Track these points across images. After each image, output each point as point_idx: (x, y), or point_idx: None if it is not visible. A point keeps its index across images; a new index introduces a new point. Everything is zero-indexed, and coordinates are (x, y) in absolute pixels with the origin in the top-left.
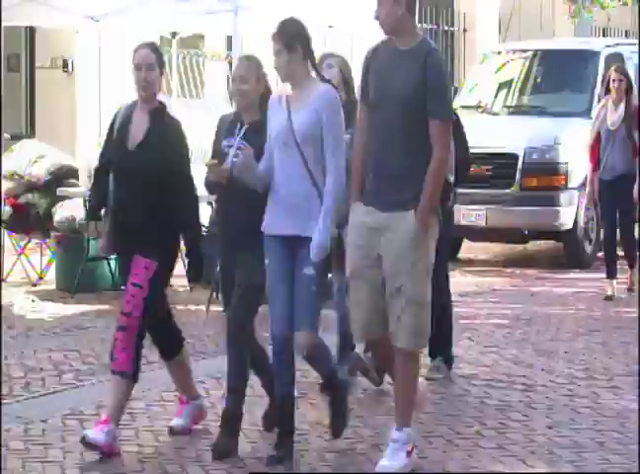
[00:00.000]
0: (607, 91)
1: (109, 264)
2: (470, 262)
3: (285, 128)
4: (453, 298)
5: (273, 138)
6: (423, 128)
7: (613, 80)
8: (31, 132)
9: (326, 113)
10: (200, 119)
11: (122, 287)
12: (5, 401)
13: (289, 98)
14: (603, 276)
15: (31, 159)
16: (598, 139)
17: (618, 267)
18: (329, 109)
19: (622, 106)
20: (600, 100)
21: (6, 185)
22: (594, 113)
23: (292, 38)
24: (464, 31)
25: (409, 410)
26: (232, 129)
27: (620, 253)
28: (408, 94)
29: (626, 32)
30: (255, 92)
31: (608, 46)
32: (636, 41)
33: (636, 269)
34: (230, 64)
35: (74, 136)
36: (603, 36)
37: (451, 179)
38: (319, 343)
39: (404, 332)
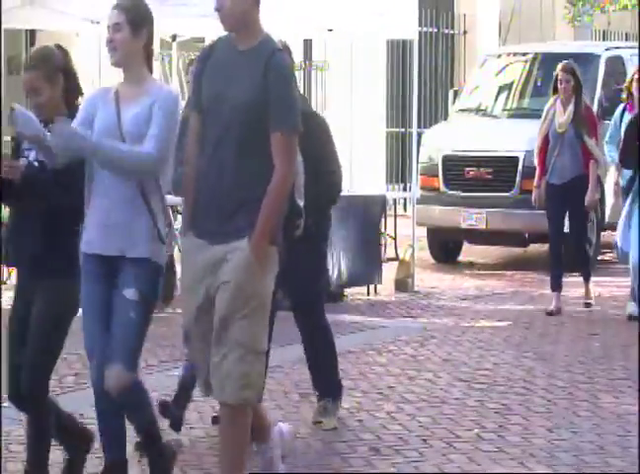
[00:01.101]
0: (555, 90)
1: None
2: (470, 265)
3: (111, 127)
4: (455, 301)
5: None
6: (264, 143)
7: (560, 80)
8: None
9: (163, 113)
10: None
11: None
12: (5, 404)
13: (120, 91)
14: (604, 279)
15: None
16: (546, 141)
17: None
18: (167, 110)
19: (571, 107)
20: (601, 104)
21: None
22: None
23: (142, 19)
24: (464, 33)
25: None
26: None
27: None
28: (246, 101)
29: (626, 35)
30: (51, 90)
31: (608, 50)
32: (636, 45)
33: (591, 282)
34: None
35: None
36: (603, 39)
37: (301, 204)
38: (135, 386)
39: (228, 381)
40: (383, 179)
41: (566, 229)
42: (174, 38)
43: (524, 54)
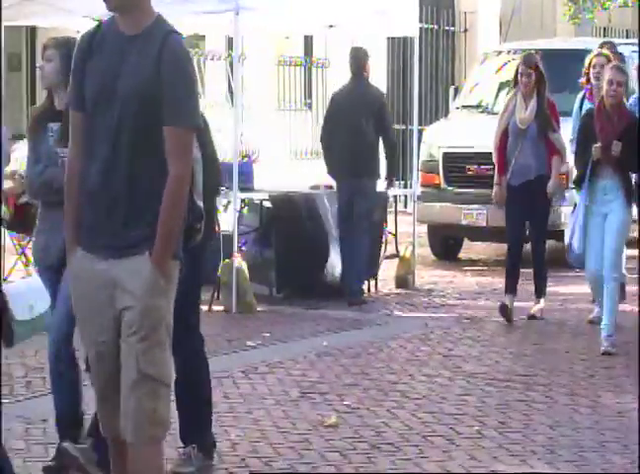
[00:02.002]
0: (516, 82)
1: None
2: (471, 262)
3: None
4: (455, 298)
5: None
6: (161, 142)
7: (521, 74)
8: None
9: None
10: None
11: None
12: (6, 400)
13: None
14: None
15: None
16: (505, 137)
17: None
18: None
19: (533, 102)
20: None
21: (6, 184)
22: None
23: None
24: (465, 31)
25: None
26: None
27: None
28: (139, 93)
29: (627, 31)
30: None
31: None
32: (636, 41)
33: (543, 299)
34: (231, 65)
35: None
36: (604, 36)
37: (200, 205)
38: None
39: (136, 419)
40: (384, 176)
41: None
42: None
43: (525, 51)
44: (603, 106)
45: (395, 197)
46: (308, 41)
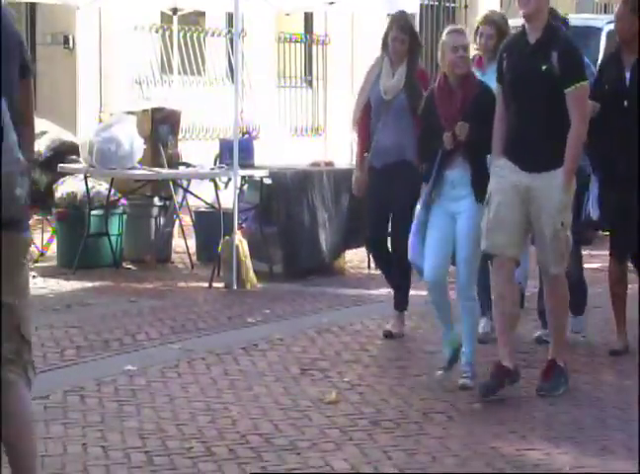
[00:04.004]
0: (385, 47)
1: (109, 240)
2: None
3: None
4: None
5: None
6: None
7: (394, 39)
8: None
9: None
10: (200, 96)
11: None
12: None
13: None
14: (605, 252)
15: None
16: (368, 110)
17: None
18: None
19: (402, 69)
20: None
21: None
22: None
23: None
24: (465, 7)
25: None
26: None
27: None
28: None
29: None
30: None
31: (610, 23)
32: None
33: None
34: (231, 41)
35: (75, 113)
36: (605, 12)
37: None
38: None
39: None
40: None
41: None
42: (174, 11)
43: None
44: (445, 80)
45: None
46: (308, 18)
